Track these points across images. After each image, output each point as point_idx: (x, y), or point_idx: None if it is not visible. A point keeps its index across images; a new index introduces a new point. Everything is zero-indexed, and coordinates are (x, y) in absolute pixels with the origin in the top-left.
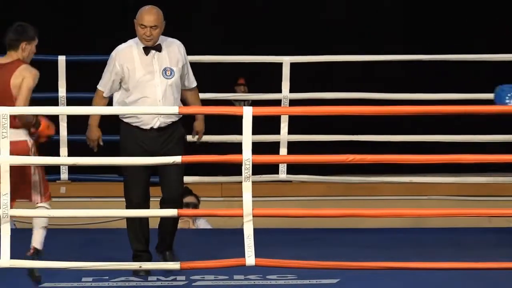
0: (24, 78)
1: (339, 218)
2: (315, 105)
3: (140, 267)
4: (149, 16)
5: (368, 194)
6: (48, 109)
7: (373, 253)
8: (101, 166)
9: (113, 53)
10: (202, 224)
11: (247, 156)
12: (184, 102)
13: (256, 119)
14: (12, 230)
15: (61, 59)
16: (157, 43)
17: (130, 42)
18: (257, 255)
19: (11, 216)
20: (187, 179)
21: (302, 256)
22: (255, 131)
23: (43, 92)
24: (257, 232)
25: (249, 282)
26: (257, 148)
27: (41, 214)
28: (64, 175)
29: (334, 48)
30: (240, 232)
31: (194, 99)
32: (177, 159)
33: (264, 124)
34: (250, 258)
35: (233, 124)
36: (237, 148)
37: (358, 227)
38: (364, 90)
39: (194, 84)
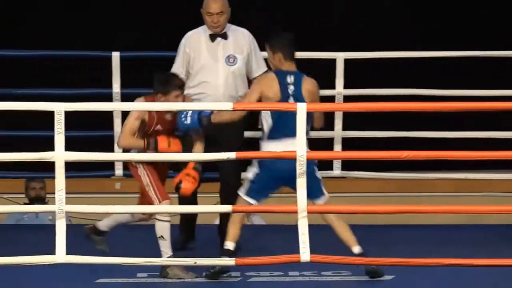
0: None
1: (393, 214)
2: (369, 101)
3: (195, 263)
4: (215, 3)
5: (423, 191)
6: (102, 105)
7: (428, 249)
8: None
9: (183, 39)
10: (257, 220)
11: (301, 152)
12: None
13: (310, 115)
14: (67, 225)
15: (115, 55)
16: (224, 31)
17: (199, 29)
18: (312, 251)
19: (66, 212)
20: (243, 175)
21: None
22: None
23: (98, 88)
24: (311, 228)
25: (304, 278)
26: (311, 144)
27: (95, 209)
28: (119, 171)
29: (387, 44)
30: (294, 228)
31: None
32: (232, 155)
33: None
34: (305, 254)
35: None
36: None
37: (413, 224)
38: (417, 87)
39: (261, 70)
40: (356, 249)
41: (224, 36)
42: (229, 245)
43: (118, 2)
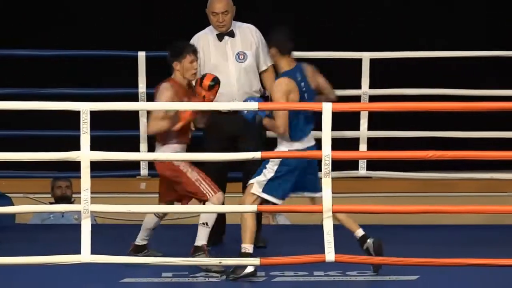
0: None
1: (418, 214)
2: (394, 101)
3: (220, 262)
4: (219, 3)
5: (448, 191)
6: (127, 104)
7: (453, 249)
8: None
9: (192, 40)
10: (281, 220)
11: (326, 152)
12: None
13: (335, 115)
14: (92, 225)
15: (141, 55)
16: (230, 29)
17: (206, 30)
18: (336, 251)
19: (91, 212)
20: None
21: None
22: (334, 127)
23: (123, 88)
24: (336, 228)
25: (329, 278)
26: (337, 144)
27: (120, 209)
28: (144, 171)
29: (414, 44)
30: (319, 228)
31: (270, 80)
32: (257, 155)
33: (344, 120)
34: (329, 254)
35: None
36: (316, 144)
37: (438, 224)
38: (443, 86)
39: (266, 64)
40: (359, 232)
41: (231, 34)
42: (249, 247)
43: (144, 2)
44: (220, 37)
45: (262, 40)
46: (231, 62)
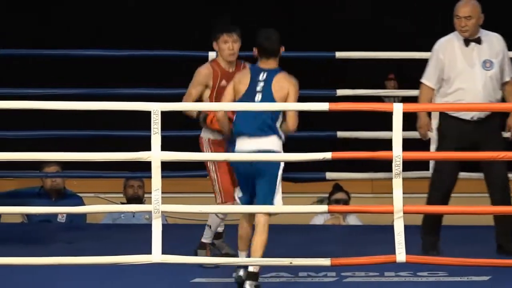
0: None
1: (490, 215)
2: None
3: (290, 263)
4: (464, 7)
5: None
6: (198, 105)
7: None
8: None
9: (436, 46)
10: (352, 220)
11: (397, 153)
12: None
13: (406, 115)
14: (163, 225)
15: (212, 55)
16: (477, 35)
17: (451, 35)
18: (407, 251)
19: (162, 212)
20: (338, 175)
21: (453, 253)
22: (405, 128)
23: None
24: (407, 228)
25: (400, 279)
26: (408, 144)
27: (191, 209)
28: None
29: None
30: (390, 228)
31: (508, 92)
32: (327, 155)
33: (415, 121)
34: (400, 255)
35: (384, 121)
36: (387, 144)
37: None
38: None
39: (509, 76)
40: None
41: (478, 41)
42: (255, 269)
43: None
44: (466, 42)
45: (506, 50)
46: (478, 69)
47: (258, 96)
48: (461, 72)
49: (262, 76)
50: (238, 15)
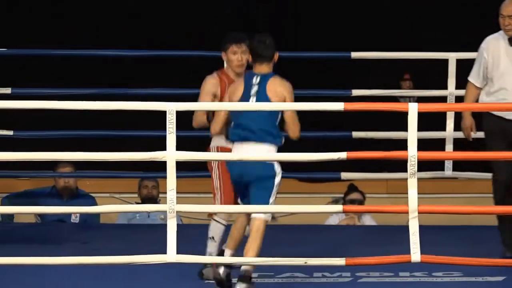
0: None
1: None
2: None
3: (305, 263)
4: (508, 6)
5: None
6: (212, 105)
7: None
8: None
9: (482, 44)
10: (367, 220)
11: (412, 153)
12: None
13: (421, 116)
14: (178, 225)
15: None
16: None
17: (498, 33)
18: (422, 252)
19: (177, 212)
20: (353, 175)
21: (468, 253)
22: (420, 128)
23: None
24: (422, 229)
25: (415, 279)
26: (423, 144)
27: (206, 209)
28: None
29: None
30: (405, 228)
31: None
32: (342, 155)
33: (430, 121)
34: (415, 255)
35: (399, 121)
36: (402, 144)
37: None
38: None
39: None
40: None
41: None
42: (249, 268)
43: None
44: (511, 42)
45: None
46: None
47: (253, 100)
48: (504, 71)
49: (256, 80)
50: (254, 15)
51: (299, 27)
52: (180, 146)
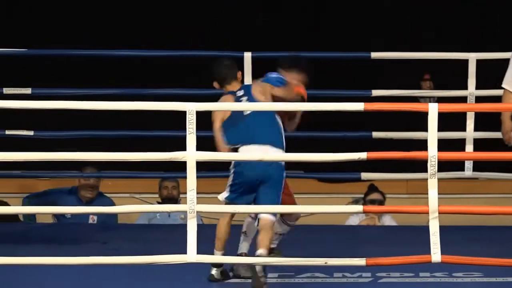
0: None
1: None
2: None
3: (325, 263)
4: None
5: None
6: (233, 105)
7: None
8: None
9: None
10: (387, 220)
11: (432, 153)
12: None
13: (441, 116)
14: (198, 225)
15: (247, 56)
16: None
17: None
18: (443, 252)
19: (197, 212)
20: (373, 175)
21: (489, 254)
22: (440, 128)
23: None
24: (443, 229)
25: (435, 280)
26: (443, 145)
27: (226, 209)
28: None
29: None
30: (425, 229)
31: None
32: (362, 155)
33: (450, 121)
34: (436, 255)
35: (419, 121)
36: (422, 145)
37: None
38: None
39: None
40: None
41: None
42: (263, 252)
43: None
44: None
45: None
46: None
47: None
48: None
49: (240, 92)
50: (271, 14)
51: (323, 27)
52: (199, 146)
